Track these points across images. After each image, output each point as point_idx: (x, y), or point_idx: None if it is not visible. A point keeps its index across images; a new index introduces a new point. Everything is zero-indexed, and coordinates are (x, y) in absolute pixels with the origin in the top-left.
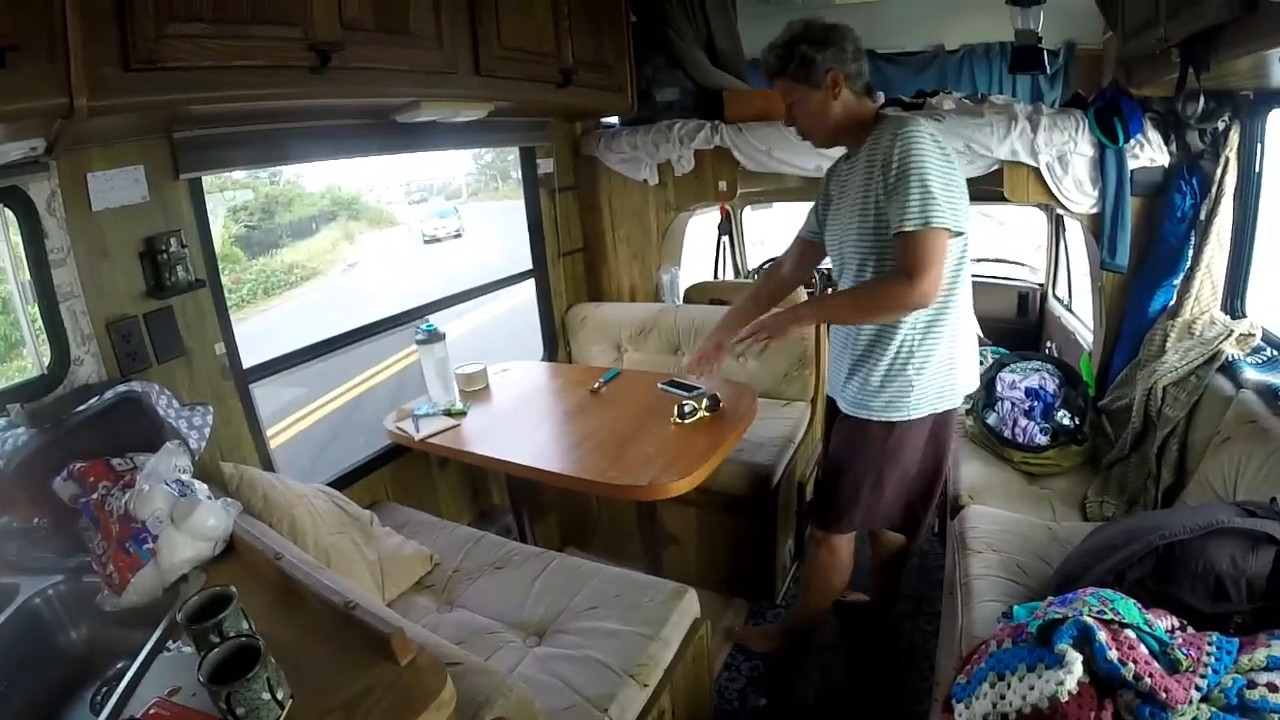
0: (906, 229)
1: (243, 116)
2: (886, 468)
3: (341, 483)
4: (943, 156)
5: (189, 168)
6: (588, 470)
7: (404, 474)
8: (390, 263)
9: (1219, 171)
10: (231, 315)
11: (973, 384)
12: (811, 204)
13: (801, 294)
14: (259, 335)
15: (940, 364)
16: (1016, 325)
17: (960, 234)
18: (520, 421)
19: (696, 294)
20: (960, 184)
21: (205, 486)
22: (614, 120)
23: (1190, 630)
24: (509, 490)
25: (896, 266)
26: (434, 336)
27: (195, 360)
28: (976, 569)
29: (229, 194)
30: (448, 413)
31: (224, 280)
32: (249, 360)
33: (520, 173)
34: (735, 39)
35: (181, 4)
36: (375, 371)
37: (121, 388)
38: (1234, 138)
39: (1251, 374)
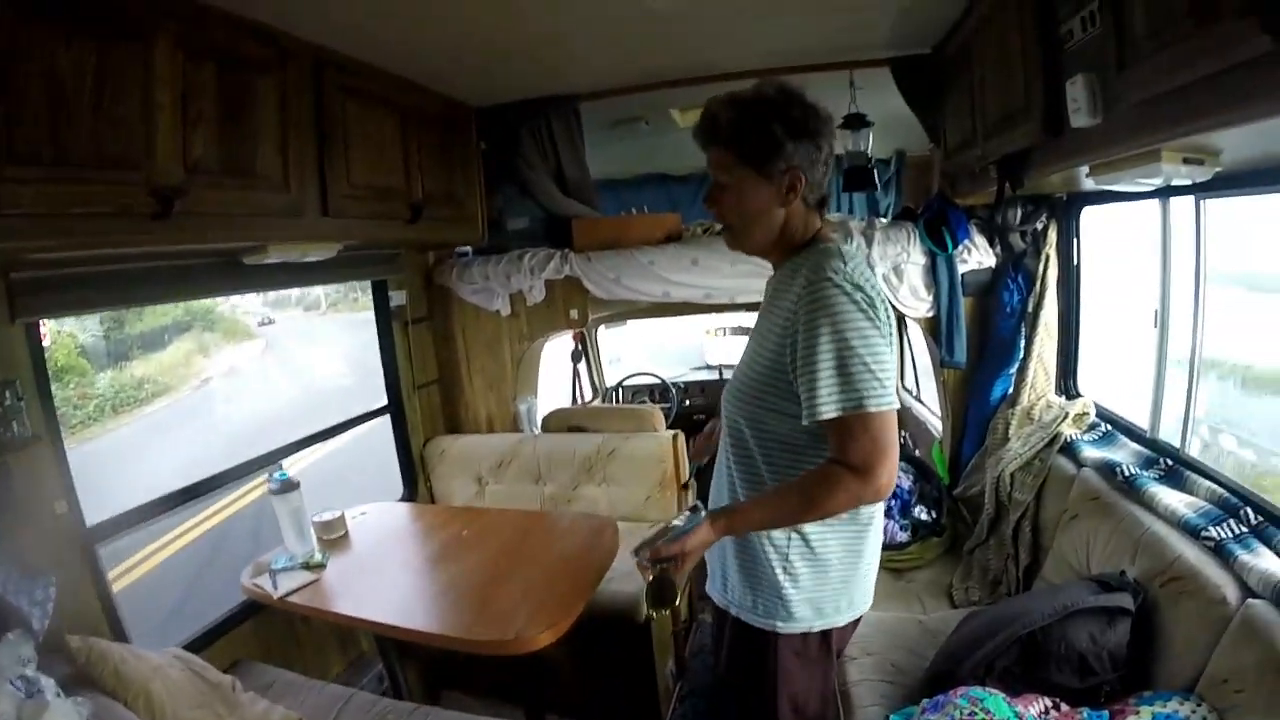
0: (831, 415)
1: (84, 258)
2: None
3: (200, 643)
4: (866, 318)
5: (25, 312)
6: (452, 626)
7: (266, 629)
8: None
9: (1041, 267)
10: (79, 437)
11: (868, 602)
12: (656, 319)
13: None
14: (108, 462)
15: (833, 570)
16: None
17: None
18: (382, 571)
19: (555, 422)
20: (887, 351)
21: (53, 682)
22: (467, 248)
23: (1064, 708)
24: (376, 639)
25: (836, 457)
26: (288, 486)
27: (35, 523)
28: (853, 675)
29: None
30: (306, 565)
31: (70, 393)
32: (96, 513)
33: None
34: (584, 168)
35: (22, 144)
36: (234, 498)
37: None
38: (1052, 235)
39: (1090, 452)
